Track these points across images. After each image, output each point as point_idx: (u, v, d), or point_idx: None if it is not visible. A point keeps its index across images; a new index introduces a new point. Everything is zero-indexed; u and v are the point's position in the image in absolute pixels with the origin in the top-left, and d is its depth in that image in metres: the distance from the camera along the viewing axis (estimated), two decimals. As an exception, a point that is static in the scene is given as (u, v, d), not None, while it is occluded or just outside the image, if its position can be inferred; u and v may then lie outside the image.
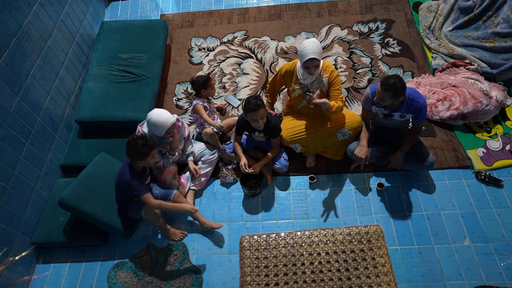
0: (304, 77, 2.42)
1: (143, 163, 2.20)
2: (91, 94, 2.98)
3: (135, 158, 2.16)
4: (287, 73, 2.54)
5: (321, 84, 2.47)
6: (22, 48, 2.53)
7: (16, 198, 2.39)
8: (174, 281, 2.42)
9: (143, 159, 2.15)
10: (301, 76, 2.43)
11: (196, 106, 2.69)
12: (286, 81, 2.58)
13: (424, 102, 2.28)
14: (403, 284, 2.31)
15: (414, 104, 2.26)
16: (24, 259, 2.48)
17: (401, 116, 2.38)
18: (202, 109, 2.70)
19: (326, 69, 2.44)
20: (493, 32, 3.04)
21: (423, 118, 2.34)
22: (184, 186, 2.71)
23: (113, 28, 3.42)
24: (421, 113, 2.30)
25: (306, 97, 2.55)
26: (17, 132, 2.43)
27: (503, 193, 2.59)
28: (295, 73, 2.49)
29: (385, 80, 2.13)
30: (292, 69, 2.51)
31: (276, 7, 3.89)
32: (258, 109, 2.31)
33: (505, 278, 2.27)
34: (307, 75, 2.40)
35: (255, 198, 2.75)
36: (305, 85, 2.49)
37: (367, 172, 2.79)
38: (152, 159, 2.20)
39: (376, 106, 2.39)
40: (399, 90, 2.12)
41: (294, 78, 2.51)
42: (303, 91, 2.52)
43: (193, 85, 2.74)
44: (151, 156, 2.17)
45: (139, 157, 2.13)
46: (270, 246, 2.11)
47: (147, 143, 2.10)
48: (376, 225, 2.15)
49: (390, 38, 3.50)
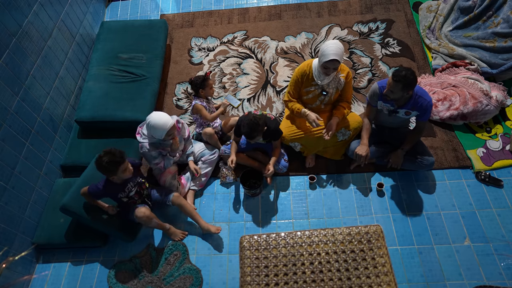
0: (321, 78, 2.39)
1: (116, 178, 2.15)
2: (91, 94, 2.98)
3: (105, 175, 2.13)
4: (304, 75, 2.47)
5: (338, 84, 2.46)
6: (22, 48, 2.53)
7: (16, 198, 2.39)
8: (174, 281, 2.42)
9: (113, 175, 2.11)
10: (318, 76, 2.40)
11: (196, 106, 2.69)
12: (302, 85, 2.52)
13: (431, 100, 2.27)
14: (403, 284, 2.31)
15: (420, 101, 2.25)
16: (24, 259, 2.48)
17: (406, 113, 2.37)
18: (202, 108, 2.70)
19: (341, 69, 2.43)
20: (493, 32, 3.04)
21: (428, 117, 2.33)
22: (184, 186, 2.71)
23: (113, 28, 3.42)
24: (427, 111, 2.29)
25: (320, 98, 2.53)
26: (17, 132, 2.43)
27: (503, 193, 2.59)
28: (310, 74, 2.44)
29: (397, 72, 2.11)
30: (307, 70, 2.45)
31: (276, 7, 3.89)
32: (253, 138, 2.38)
33: (505, 278, 2.28)
34: (323, 76, 2.37)
35: (255, 198, 2.75)
36: (321, 85, 2.46)
37: (367, 172, 2.79)
38: (123, 173, 2.12)
39: (382, 101, 2.38)
40: (410, 83, 2.11)
41: (310, 79, 2.46)
42: (319, 91, 2.50)
43: (192, 85, 2.75)
44: (121, 170, 2.09)
45: (108, 173, 2.10)
46: (270, 246, 2.11)
47: (113, 159, 2.03)
48: (376, 225, 2.15)
49: (390, 38, 3.50)
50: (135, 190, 2.33)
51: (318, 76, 2.40)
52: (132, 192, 2.31)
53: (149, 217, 2.33)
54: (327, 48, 2.23)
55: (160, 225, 2.49)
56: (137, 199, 2.38)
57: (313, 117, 2.42)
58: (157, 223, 2.45)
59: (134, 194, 2.33)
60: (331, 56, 2.20)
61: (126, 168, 2.13)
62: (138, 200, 2.39)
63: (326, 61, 2.23)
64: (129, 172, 2.17)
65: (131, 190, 2.31)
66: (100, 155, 2.04)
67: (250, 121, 2.31)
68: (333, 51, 2.21)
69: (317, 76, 2.40)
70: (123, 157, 2.08)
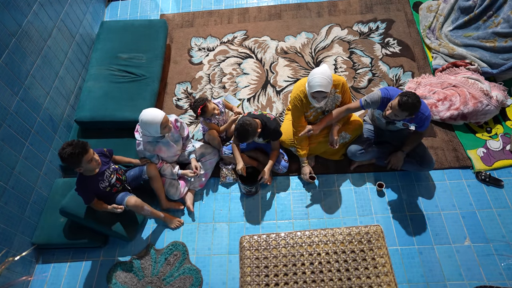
0: (318, 102, 2.36)
1: (83, 170, 2.12)
2: (90, 94, 2.98)
3: (71, 167, 2.09)
4: (301, 102, 2.43)
5: (335, 101, 2.47)
6: (22, 48, 2.53)
7: (15, 198, 2.39)
8: (174, 281, 2.42)
9: (77, 166, 2.07)
10: (313, 102, 2.38)
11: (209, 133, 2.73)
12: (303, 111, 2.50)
13: (429, 113, 2.25)
14: (403, 284, 2.31)
15: (419, 115, 2.24)
16: (23, 259, 2.47)
17: (404, 125, 2.38)
18: (214, 132, 2.73)
19: (334, 85, 2.38)
20: (494, 32, 3.04)
21: (426, 127, 2.33)
22: (183, 186, 2.70)
23: (113, 28, 3.41)
24: (424, 124, 2.28)
25: (321, 116, 2.55)
26: (17, 132, 2.43)
27: (503, 193, 2.59)
28: (306, 100, 2.42)
29: (404, 99, 2.07)
30: (303, 98, 2.42)
31: (276, 7, 3.89)
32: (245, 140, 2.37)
33: (505, 278, 2.27)
34: (317, 101, 2.36)
35: (255, 198, 2.74)
36: (319, 107, 2.46)
37: (367, 172, 2.78)
38: (89, 164, 2.08)
39: (381, 111, 2.36)
40: (416, 109, 2.11)
41: (307, 104, 2.44)
42: (318, 111, 2.51)
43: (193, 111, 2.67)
44: (86, 161, 2.06)
45: (72, 165, 2.07)
46: (270, 246, 2.11)
47: (73, 151, 1.98)
48: (376, 225, 2.15)
49: (390, 38, 3.50)
50: (115, 177, 2.35)
51: (313, 101, 2.37)
52: (113, 179, 2.34)
53: (140, 204, 2.37)
54: (313, 79, 2.22)
55: (154, 213, 2.51)
56: (119, 186, 2.40)
57: (307, 172, 2.59)
58: (150, 211, 2.46)
59: (115, 181, 2.35)
60: (316, 88, 2.20)
61: (91, 159, 2.09)
62: (120, 186, 2.42)
63: (312, 92, 2.24)
64: (95, 163, 2.13)
65: (111, 177, 2.32)
66: (63, 146, 2.01)
67: (240, 126, 2.30)
68: (318, 82, 2.19)
69: (313, 101, 2.38)
70: (85, 148, 2.04)
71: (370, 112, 2.75)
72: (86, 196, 2.23)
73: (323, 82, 2.19)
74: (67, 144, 2.01)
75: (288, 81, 3.32)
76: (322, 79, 2.19)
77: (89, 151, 2.08)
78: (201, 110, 2.58)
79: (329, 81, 2.22)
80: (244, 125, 2.29)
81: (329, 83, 2.22)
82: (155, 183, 2.53)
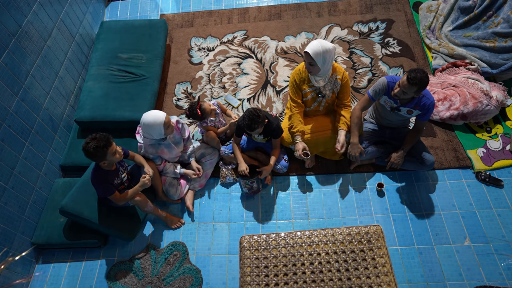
0: (316, 80, 2.36)
1: (106, 163, 2.13)
2: (90, 94, 2.98)
3: (95, 161, 2.10)
4: (301, 78, 2.44)
5: (333, 86, 2.44)
6: (22, 48, 2.53)
7: (15, 198, 2.39)
8: (174, 281, 2.42)
9: (102, 159, 2.09)
10: (313, 78, 2.37)
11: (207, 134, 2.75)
12: (300, 86, 2.48)
13: (433, 100, 2.26)
14: (403, 284, 2.31)
15: (424, 100, 2.24)
16: (23, 259, 2.47)
17: (408, 112, 2.36)
18: (212, 133, 2.74)
19: (337, 70, 2.40)
20: (493, 32, 3.04)
21: (428, 117, 2.32)
22: (184, 186, 2.70)
23: (112, 28, 3.41)
24: (428, 111, 2.28)
25: (318, 99, 2.51)
26: (17, 132, 2.43)
27: (503, 193, 2.59)
28: (305, 74, 2.42)
29: (413, 74, 2.07)
30: (303, 74, 2.42)
31: (276, 7, 3.89)
32: (253, 130, 2.34)
33: (505, 278, 2.27)
34: (318, 78, 2.35)
35: (255, 198, 2.74)
36: (317, 87, 2.44)
37: (367, 172, 2.78)
38: (114, 156, 2.10)
39: (388, 97, 2.36)
40: (425, 85, 2.10)
41: (306, 81, 2.44)
42: (315, 93, 2.49)
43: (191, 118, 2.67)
44: (111, 154, 2.07)
45: (97, 159, 2.08)
46: (270, 246, 2.11)
47: (99, 144, 1.99)
48: (376, 225, 2.15)
49: (390, 38, 3.50)
50: (126, 175, 2.37)
51: (313, 78, 2.38)
52: (125, 177, 2.35)
53: (145, 200, 2.37)
54: (311, 43, 2.22)
55: (156, 211, 2.51)
56: (126, 184, 2.42)
57: (300, 148, 2.42)
58: (153, 208, 2.47)
59: (126, 179, 2.36)
60: (306, 49, 2.18)
61: (115, 151, 2.10)
62: (127, 184, 2.43)
63: (304, 53, 2.22)
64: (119, 155, 2.15)
65: (123, 175, 2.34)
66: (86, 141, 2.01)
67: (250, 113, 2.30)
68: (311, 45, 2.18)
69: (312, 78, 2.38)
70: (109, 141, 2.06)
71: (371, 109, 2.75)
72: (108, 188, 2.19)
73: (315, 47, 2.16)
74: (90, 139, 2.01)
75: (288, 81, 3.32)
76: (316, 45, 2.17)
77: (113, 144, 2.09)
78: (201, 110, 2.58)
79: (322, 51, 2.17)
80: (254, 112, 2.29)
81: (321, 53, 2.17)
82: (154, 180, 2.54)
